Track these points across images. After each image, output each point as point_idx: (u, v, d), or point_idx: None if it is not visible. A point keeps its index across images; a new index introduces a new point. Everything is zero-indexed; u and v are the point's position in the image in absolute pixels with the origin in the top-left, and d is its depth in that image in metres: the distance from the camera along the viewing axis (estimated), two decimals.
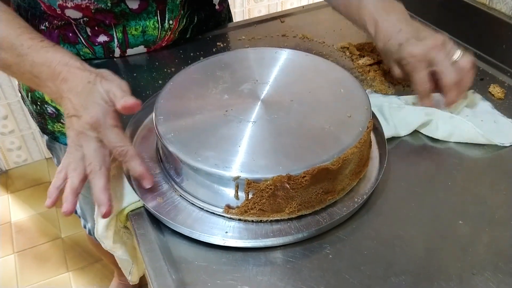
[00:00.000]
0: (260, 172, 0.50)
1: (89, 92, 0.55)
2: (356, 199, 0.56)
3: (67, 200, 0.54)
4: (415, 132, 0.66)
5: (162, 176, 0.59)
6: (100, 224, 0.56)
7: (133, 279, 0.65)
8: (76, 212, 1.19)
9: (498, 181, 0.59)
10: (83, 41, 0.80)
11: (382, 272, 0.49)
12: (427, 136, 0.66)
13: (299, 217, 0.54)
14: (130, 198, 0.56)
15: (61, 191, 0.55)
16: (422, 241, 0.52)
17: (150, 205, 0.55)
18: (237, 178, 0.50)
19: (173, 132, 0.55)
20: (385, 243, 0.52)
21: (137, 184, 0.58)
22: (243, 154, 0.52)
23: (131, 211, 0.56)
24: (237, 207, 0.52)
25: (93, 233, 1.15)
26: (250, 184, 0.50)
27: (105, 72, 0.58)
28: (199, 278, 0.49)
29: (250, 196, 0.51)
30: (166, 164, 0.58)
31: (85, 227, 1.19)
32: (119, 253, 0.59)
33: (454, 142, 0.65)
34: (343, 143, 0.53)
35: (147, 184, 0.56)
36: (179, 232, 0.53)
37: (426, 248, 0.52)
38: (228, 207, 0.53)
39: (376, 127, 0.64)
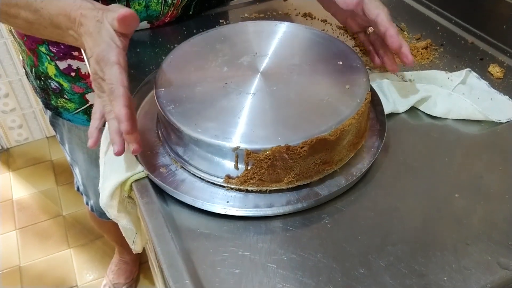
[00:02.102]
0: (259, 142, 0.51)
1: (99, 31, 0.56)
2: (355, 172, 0.57)
3: (116, 142, 0.54)
4: (414, 110, 0.68)
5: (163, 148, 0.60)
6: (105, 194, 0.57)
7: (137, 248, 0.66)
8: (78, 189, 1.21)
9: (495, 156, 0.60)
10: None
11: (379, 241, 0.51)
12: (426, 113, 0.67)
13: (299, 189, 0.55)
14: (133, 169, 0.57)
15: (99, 130, 0.59)
16: (419, 213, 0.54)
17: (154, 175, 0.56)
18: (237, 148, 0.51)
19: (173, 104, 0.56)
20: (383, 214, 0.54)
21: (141, 154, 0.59)
22: (242, 125, 0.53)
23: (134, 181, 0.57)
24: (237, 177, 0.54)
25: (95, 209, 1.17)
26: (249, 155, 0.51)
27: (111, 5, 0.59)
28: (201, 245, 0.51)
29: (249, 166, 0.52)
30: (167, 135, 0.59)
31: (87, 203, 1.21)
32: (124, 222, 0.61)
33: (451, 119, 0.66)
34: (341, 114, 0.54)
35: (123, 128, 0.51)
36: (182, 201, 0.55)
37: (423, 220, 0.53)
38: (228, 177, 0.54)
39: (375, 102, 0.65)
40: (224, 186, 0.55)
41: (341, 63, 0.62)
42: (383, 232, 0.52)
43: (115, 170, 0.57)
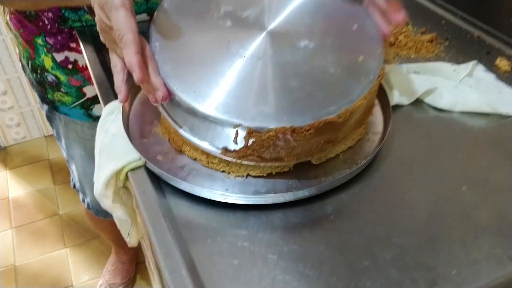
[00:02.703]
0: (263, 121, 0.48)
1: None
2: (359, 162, 0.55)
3: (121, 90, 0.51)
4: (419, 102, 0.66)
5: (159, 134, 0.58)
6: (99, 183, 0.55)
7: (132, 241, 0.64)
8: (74, 187, 1.19)
9: (503, 150, 0.59)
10: (85, 7, 0.79)
11: (384, 233, 0.49)
12: (431, 106, 0.65)
13: (301, 177, 0.53)
14: (130, 157, 0.55)
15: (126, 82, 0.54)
16: (425, 205, 0.52)
17: (151, 162, 0.54)
18: (238, 125, 0.48)
19: (170, 64, 0.52)
20: (388, 206, 0.52)
21: (137, 142, 0.57)
22: (244, 96, 0.49)
23: (130, 170, 0.55)
24: (235, 150, 0.50)
25: (92, 206, 1.15)
26: (251, 133, 0.48)
27: None
28: (198, 235, 0.49)
29: (250, 143, 0.49)
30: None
31: (83, 201, 1.19)
32: (119, 213, 0.59)
33: (457, 112, 0.64)
34: (352, 93, 0.50)
35: (136, 77, 0.48)
36: (180, 191, 0.53)
37: (429, 212, 0.51)
38: (226, 149, 0.51)
39: (380, 93, 0.62)
40: (223, 172, 0.53)
41: (356, 27, 0.56)
42: (388, 224, 0.50)
43: (111, 158, 0.55)
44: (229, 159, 0.51)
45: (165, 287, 0.46)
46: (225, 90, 0.50)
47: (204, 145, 0.52)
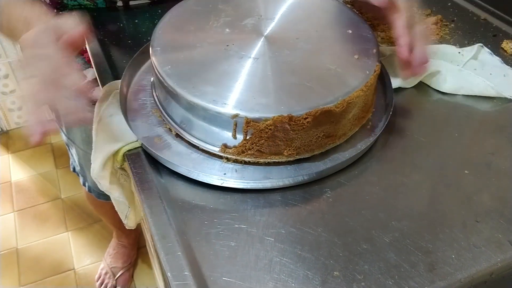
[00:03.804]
0: (260, 111, 0.48)
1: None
2: (359, 146, 0.54)
3: None
4: (422, 85, 0.65)
5: (157, 115, 0.57)
6: (97, 164, 0.55)
7: (129, 223, 0.64)
8: (74, 170, 1.18)
9: (507, 134, 0.57)
10: None
11: (384, 216, 0.48)
12: (435, 89, 0.64)
13: (300, 162, 0.52)
14: (127, 138, 0.54)
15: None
16: (426, 189, 0.51)
17: (148, 144, 0.53)
18: (236, 116, 0.48)
19: (170, 64, 0.53)
20: (388, 189, 0.51)
21: (134, 124, 0.56)
22: (243, 91, 0.50)
23: (128, 151, 0.54)
24: (234, 146, 0.51)
25: (93, 190, 1.15)
26: (249, 123, 0.48)
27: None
28: (196, 217, 0.48)
29: (248, 136, 0.49)
30: (162, 99, 0.56)
31: (84, 184, 1.18)
32: (116, 194, 0.58)
33: (462, 95, 0.63)
34: (349, 86, 0.51)
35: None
36: (177, 172, 0.52)
37: (430, 196, 0.50)
38: (225, 146, 0.51)
39: (382, 76, 0.61)
40: (221, 157, 0.52)
41: (350, 31, 0.58)
42: (388, 208, 0.49)
43: (108, 140, 0.55)
44: (229, 156, 0.52)
45: (163, 269, 0.45)
46: (223, 86, 0.51)
47: (202, 144, 0.53)
